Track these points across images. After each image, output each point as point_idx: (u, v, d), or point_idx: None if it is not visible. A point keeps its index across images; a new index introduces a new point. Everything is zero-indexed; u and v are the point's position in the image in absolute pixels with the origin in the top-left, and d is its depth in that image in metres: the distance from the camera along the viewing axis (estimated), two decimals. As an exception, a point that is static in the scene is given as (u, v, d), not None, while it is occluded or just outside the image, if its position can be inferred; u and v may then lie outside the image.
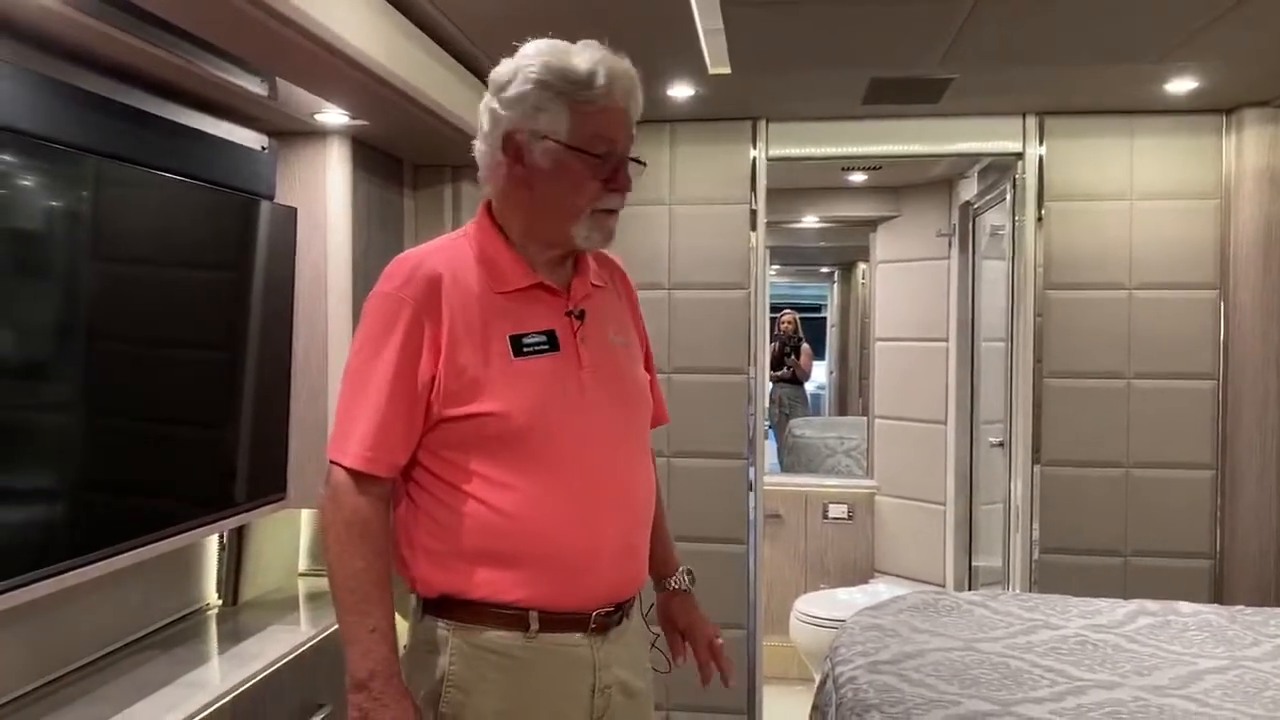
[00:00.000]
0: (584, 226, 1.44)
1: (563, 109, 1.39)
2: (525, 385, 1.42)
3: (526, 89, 1.40)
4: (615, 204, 1.45)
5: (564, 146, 1.40)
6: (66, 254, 1.85)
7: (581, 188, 1.42)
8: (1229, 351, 3.21)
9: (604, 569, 1.46)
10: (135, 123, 2.04)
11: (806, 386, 7.16)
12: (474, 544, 1.42)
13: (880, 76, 2.86)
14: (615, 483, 1.47)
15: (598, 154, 1.41)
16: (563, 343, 1.46)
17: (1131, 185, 3.28)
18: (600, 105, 1.40)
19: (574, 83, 1.40)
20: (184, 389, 2.23)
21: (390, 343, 1.40)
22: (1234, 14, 2.28)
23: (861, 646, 2.38)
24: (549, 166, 1.41)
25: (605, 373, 1.49)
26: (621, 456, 1.49)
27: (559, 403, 1.43)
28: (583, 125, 1.40)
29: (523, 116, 1.41)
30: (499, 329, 1.43)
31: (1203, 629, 2.53)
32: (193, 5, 1.68)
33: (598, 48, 1.43)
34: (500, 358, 1.42)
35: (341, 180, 2.62)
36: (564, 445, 1.43)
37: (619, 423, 1.50)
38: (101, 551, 1.92)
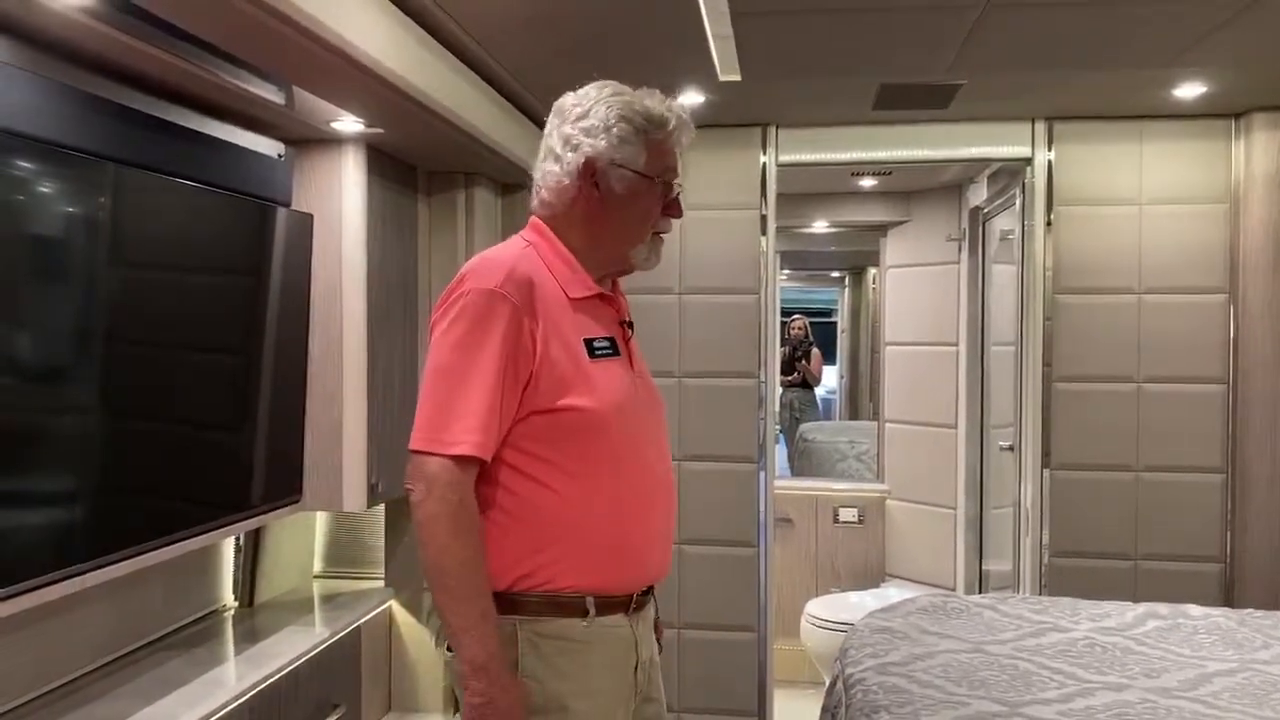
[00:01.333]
0: (644, 248, 1.64)
1: (641, 143, 1.59)
2: (601, 384, 1.56)
3: (612, 123, 1.59)
4: (668, 227, 1.66)
5: (639, 175, 1.59)
6: (85, 259, 1.88)
7: (650, 212, 1.62)
8: (1239, 355, 3.21)
9: (653, 553, 1.64)
10: (154, 130, 2.07)
11: (817, 391, 7.18)
12: (542, 532, 1.54)
13: (890, 83, 2.88)
14: (659, 478, 1.65)
15: (665, 182, 1.62)
16: (621, 348, 1.64)
17: (1141, 189, 3.29)
18: (670, 145, 1.62)
19: (651, 121, 1.60)
20: (201, 393, 2.26)
21: (493, 336, 1.50)
22: (1242, 18, 2.30)
23: (871, 648, 2.39)
24: (623, 193, 1.59)
25: (645, 378, 1.69)
26: (659, 453, 1.68)
27: (626, 401, 1.59)
28: (656, 158, 1.61)
29: (607, 146, 1.58)
30: (576, 331, 1.58)
31: (1212, 632, 2.53)
32: (211, 14, 1.71)
33: (664, 96, 1.66)
34: (580, 357, 1.56)
35: (357, 187, 2.65)
36: (623, 441, 1.58)
37: (655, 422, 1.69)
38: (120, 553, 1.96)
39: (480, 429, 1.48)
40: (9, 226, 1.67)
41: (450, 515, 1.46)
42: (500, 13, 2.28)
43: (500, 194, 3.41)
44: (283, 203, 2.49)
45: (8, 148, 1.65)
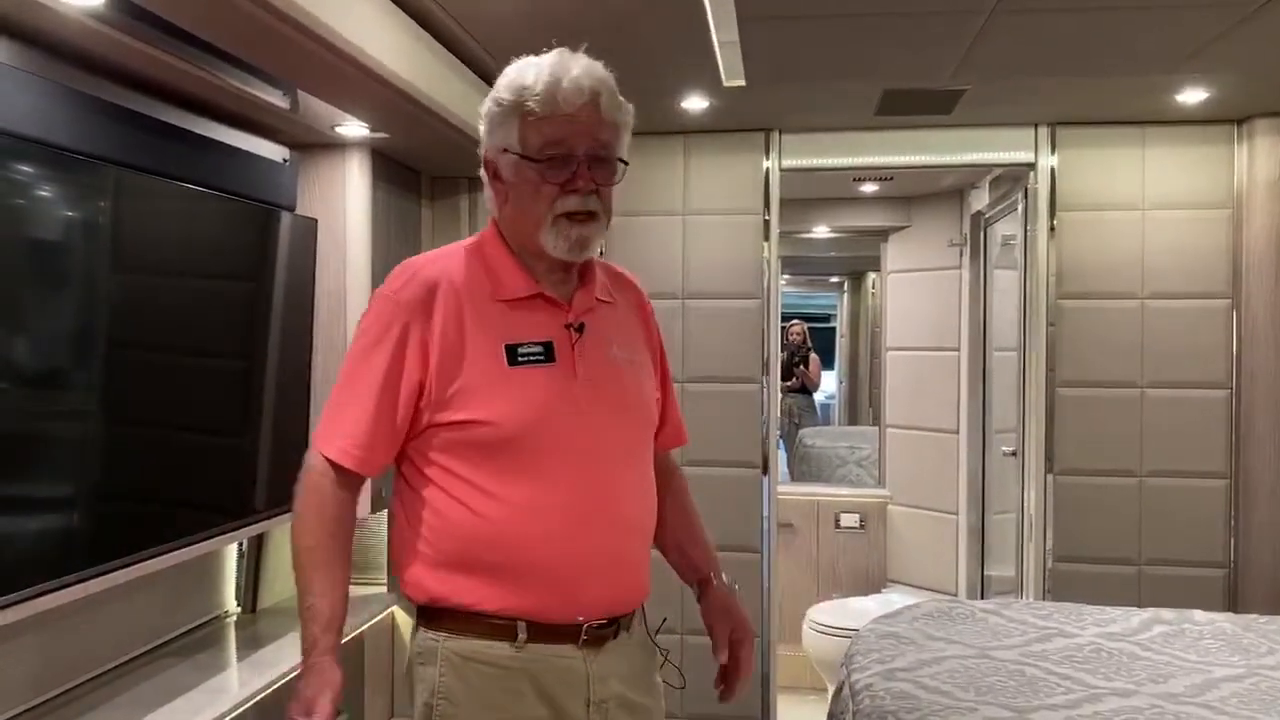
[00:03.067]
0: (549, 234, 1.43)
1: (514, 121, 1.42)
2: (517, 394, 1.42)
3: (489, 108, 1.47)
4: (573, 205, 1.43)
5: (519, 157, 1.43)
6: (89, 264, 1.88)
7: (538, 193, 1.42)
8: (1241, 361, 3.22)
9: (591, 582, 1.44)
10: (159, 135, 2.07)
11: (816, 396, 7.18)
12: (460, 550, 1.42)
13: (893, 88, 2.88)
14: (606, 496, 1.45)
15: (548, 158, 1.41)
16: (559, 354, 1.46)
17: (1143, 195, 3.29)
18: (545, 113, 1.40)
19: (520, 93, 1.42)
20: (204, 398, 2.26)
21: (381, 345, 1.43)
22: (1245, 26, 2.30)
23: (877, 654, 2.38)
24: (513, 178, 1.45)
25: (602, 386, 1.48)
26: (615, 470, 1.48)
27: (550, 414, 1.43)
28: (533, 134, 1.42)
29: (489, 135, 1.47)
30: (496, 336, 1.44)
31: (1218, 637, 2.53)
32: (216, 17, 1.71)
33: (559, 57, 1.45)
34: (495, 365, 1.43)
35: (361, 191, 2.65)
36: (553, 456, 1.42)
37: (613, 436, 1.49)
38: (124, 560, 1.95)
39: (355, 441, 1.42)
40: (13, 230, 1.66)
41: (313, 509, 1.42)
42: (504, 17, 2.28)
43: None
44: (287, 207, 2.49)
45: (13, 151, 1.65)
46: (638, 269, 1.74)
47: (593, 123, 1.43)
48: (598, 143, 1.43)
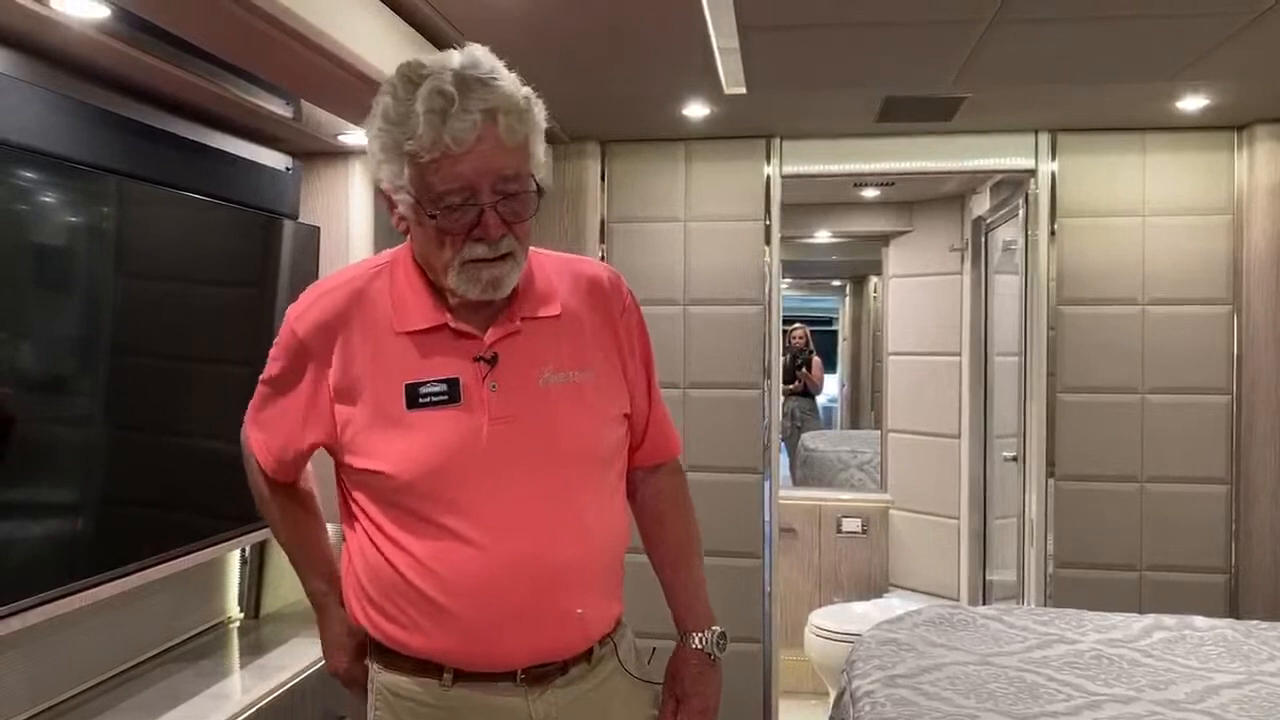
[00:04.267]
0: (458, 279, 1.26)
1: (398, 162, 1.21)
2: (415, 440, 1.28)
3: (371, 133, 1.25)
4: (481, 253, 1.24)
5: (415, 201, 1.23)
6: (93, 272, 1.89)
7: (441, 243, 1.24)
8: (1242, 366, 3.22)
9: (510, 634, 1.31)
10: (162, 145, 2.08)
11: (818, 399, 7.19)
12: (378, 592, 1.34)
13: (894, 95, 2.89)
14: (525, 544, 1.29)
15: (447, 208, 1.21)
16: (467, 392, 1.29)
17: (1144, 201, 3.30)
18: (436, 155, 1.18)
19: (399, 129, 1.19)
20: (209, 404, 2.27)
21: (278, 371, 1.38)
22: (1245, 33, 2.31)
23: (878, 660, 2.39)
24: (412, 218, 1.26)
25: (526, 422, 1.31)
26: (538, 514, 1.30)
27: (452, 460, 1.28)
28: (422, 180, 1.20)
29: (377, 165, 1.25)
30: (396, 375, 1.29)
31: (1219, 643, 2.53)
32: (219, 30, 1.72)
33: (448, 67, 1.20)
34: (392, 408, 1.29)
35: (363, 200, 2.66)
36: (459, 506, 1.28)
37: (535, 477, 1.31)
38: (128, 566, 1.96)
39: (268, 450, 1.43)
40: (18, 239, 1.67)
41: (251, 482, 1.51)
42: (506, 25, 2.29)
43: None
44: (290, 216, 2.50)
45: (18, 161, 1.66)
46: (639, 275, 1.71)
47: (494, 154, 1.20)
48: (502, 178, 1.22)
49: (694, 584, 1.54)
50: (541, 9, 2.17)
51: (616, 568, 1.43)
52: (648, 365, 1.50)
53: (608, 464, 1.40)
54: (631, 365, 1.45)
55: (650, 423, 1.50)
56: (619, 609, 1.45)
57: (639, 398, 1.47)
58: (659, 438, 1.53)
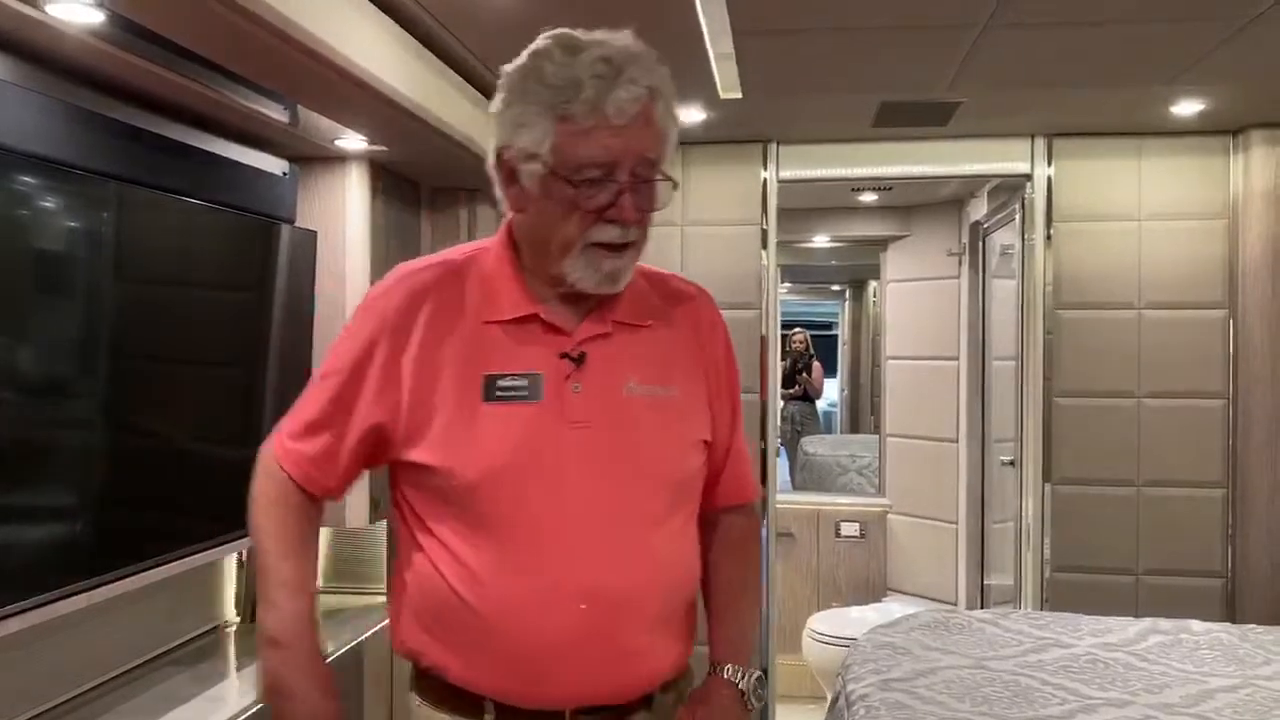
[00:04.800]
0: (576, 263, 1.19)
1: (547, 124, 1.15)
2: (485, 436, 1.19)
3: (509, 97, 1.20)
4: (611, 236, 1.18)
5: (548, 171, 1.16)
6: (92, 275, 1.90)
7: (567, 218, 1.17)
8: (1238, 370, 3.22)
9: (565, 668, 1.19)
10: (160, 149, 2.09)
11: (818, 404, 7.19)
12: (427, 607, 1.24)
13: (890, 100, 2.90)
14: (592, 566, 1.18)
15: (586, 181, 1.15)
16: (548, 389, 1.21)
17: (1140, 205, 3.30)
18: (589, 124, 1.14)
19: (558, 91, 1.14)
20: (206, 408, 2.28)
21: (350, 357, 1.25)
22: (1239, 38, 2.31)
23: (873, 664, 2.39)
24: (537, 191, 1.19)
25: (604, 430, 1.21)
26: (609, 534, 1.20)
27: (524, 462, 1.18)
28: (569, 146, 1.15)
29: (508, 130, 1.19)
30: (475, 364, 1.21)
31: (1214, 647, 2.53)
32: (216, 36, 1.73)
33: (609, 43, 1.17)
34: (466, 400, 1.20)
35: (360, 203, 2.67)
36: (521, 515, 1.18)
37: (611, 491, 1.21)
38: (126, 569, 1.96)
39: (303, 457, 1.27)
40: (16, 244, 1.68)
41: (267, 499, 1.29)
42: (501, 28, 2.30)
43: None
44: (287, 220, 2.51)
45: (15, 166, 1.66)
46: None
47: (643, 136, 1.16)
48: (646, 161, 1.18)
49: (743, 620, 1.42)
50: (534, 12, 2.17)
51: (687, 606, 1.30)
52: (733, 392, 1.39)
53: (685, 491, 1.30)
54: (716, 390, 1.35)
55: (730, 456, 1.39)
56: (687, 653, 1.33)
57: (721, 426, 1.35)
58: (739, 476, 1.41)
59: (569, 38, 1.19)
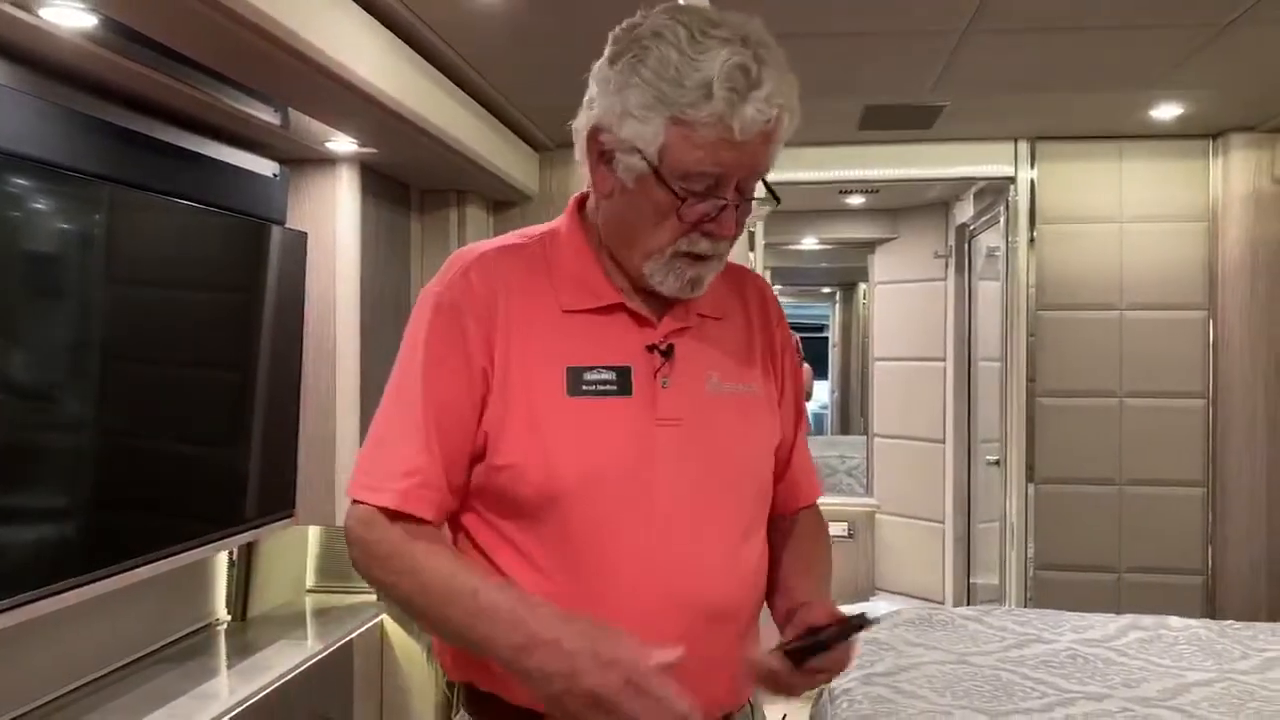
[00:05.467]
0: (659, 268, 1.09)
1: (660, 123, 1.02)
2: (573, 435, 1.07)
3: (620, 78, 1.05)
4: (703, 249, 1.08)
5: (652, 172, 1.04)
6: (84, 277, 1.92)
7: (661, 223, 1.07)
8: (1218, 371, 3.27)
9: None
10: (151, 151, 2.11)
11: (808, 406, 7.23)
12: None
13: (874, 104, 2.93)
14: (680, 576, 1.08)
15: (692, 192, 1.05)
16: (638, 385, 1.10)
17: (1121, 208, 3.35)
18: (709, 136, 1.01)
19: (680, 90, 1.01)
20: (196, 408, 2.29)
21: (430, 352, 1.11)
22: (1216, 43, 2.36)
23: (857, 660, 2.42)
24: (632, 186, 1.07)
25: (692, 429, 1.11)
26: (703, 540, 1.10)
27: (617, 462, 1.08)
28: (681, 152, 1.03)
29: (611, 115, 1.06)
30: (556, 357, 1.09)
31: (1192, 643, 2.57)
32: (205, 38, 1.75)
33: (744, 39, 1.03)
34: (549, 394, 1.08)
35: (351, 205, 2.69)
36: (612, 520, 1.07)
37: (703, 495, 1.11)
38: (115, 567, 1.98)
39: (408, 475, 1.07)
40: (8, 245, 1.70)
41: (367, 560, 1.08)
42: (489, 33, 2.33)
43: (492, 211, 3.45)
44: (277, 221, 2.53)
45: (10, 168, 1.69)
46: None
47: (763, 150, 1.06)
48: (755, 176, 1.08)
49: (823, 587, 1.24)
50: (521, 14, 2.20)
51: (757, 627, 1.18)
52: (797, 382, 1.29)
53: (765, 497, 1.20)
54: (781, 383, 1.25)
55: (795, 454, 1.27)
56: None
57: (788, 425, 1.25)
58: (805, 476, 1.29)
59: (695, 20, 1.03)
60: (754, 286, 1.26)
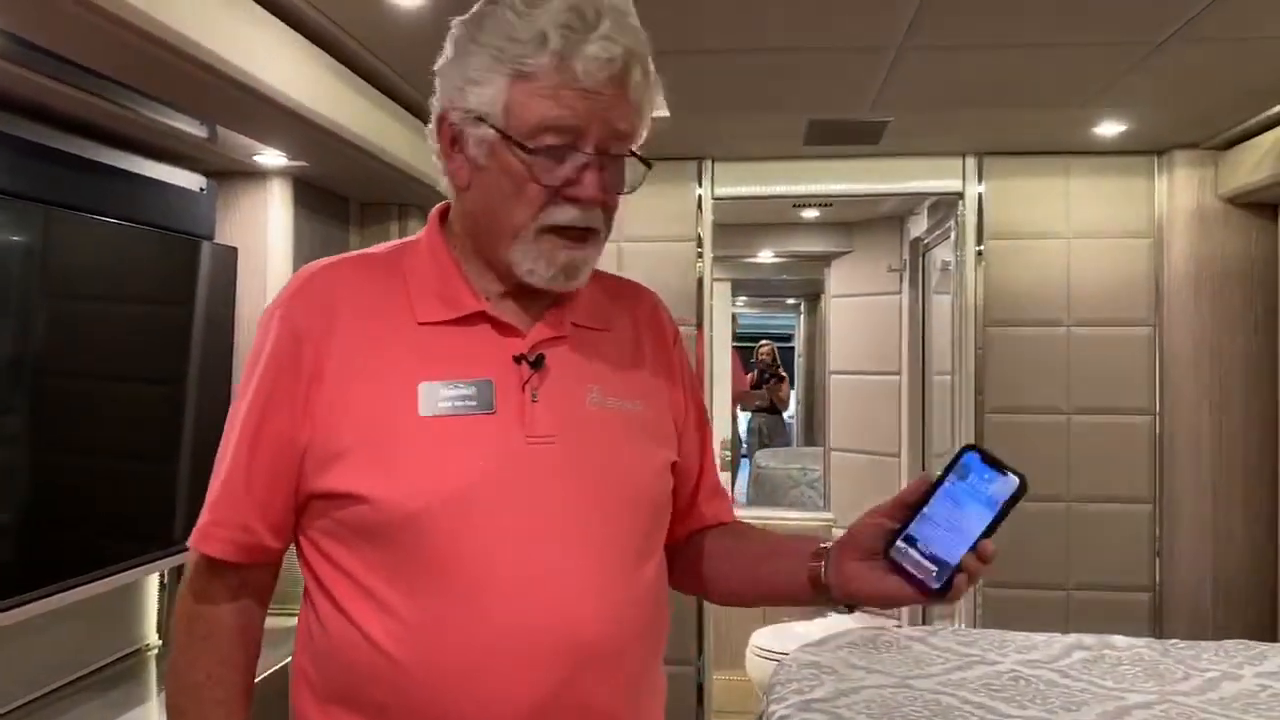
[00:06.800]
0: (527, 251, 1.01)
1: (501, 81, 0.97)
2: (428, 458, 0.98)
3: (457, 50, 1.02)
4: (569, 218, 1.00)
5: (501, 135, 0.98)
6: (10, 297, 1.87)
7: (519, 194, 0.99)
8: (1164, 387, 3.27)
9: None
10: (71, 168, 2.06)
11: (785, 415, 7.25)
12: (344, 680, 1.00)
13: (818, 119, 2.92)
14: (553, 612, 0.97)
15: (545, 148, 0.97)
16: (502, 399, 1.00)
17: (1069, 223, 3.35)
18: (553, 82, 0.96)
19: (517, 43, 0.96)
20: (126, 427, 2.24)
21: (256, 375, 1.03)
22: (1149, 62, 2.35)
23: (796, 685, 2.39)
24: (486, 161, 1.00)
25: (570, 447, 1.02)
26: (585, 573, 0.99)
27: (479, 488, 0.97)
28: (527, 108, 0.96)
29: (453, 89, 1.01)
30: (408, 373, 1.00)
31: (1135, 663, 2.56)
32: (119, 56, 1.70)
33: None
34: (397, 415, 0.98)
35: (282, 220, 2.64)
36: (477, 550, 0.96)
37: (587, 522, 1.01)
38: (41, 590, 1.93)
39: (217, 515, 1.03)
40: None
41: (186, 619, 1.05)
42: (417, 41, 2.28)
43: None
44: (205, 236, 2.47)
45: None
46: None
47: (615, 104, 0.98)
48: (615, 133, 0.99)
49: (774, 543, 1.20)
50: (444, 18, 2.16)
51: (658, 664, 1.10)
52: (698, 404, 1.21)
53: (661, 522, 1.11)
54: (680, 403, 1.17)
55: (704, 475, 1.21)
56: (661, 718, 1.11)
57: (689, 444, 1.18)
58: (718, 495, 1.22)
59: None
60: (647, 302, 1.19)
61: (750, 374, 7.20)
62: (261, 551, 1.04)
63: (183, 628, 1.05)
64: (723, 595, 1.22)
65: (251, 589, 1.06)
